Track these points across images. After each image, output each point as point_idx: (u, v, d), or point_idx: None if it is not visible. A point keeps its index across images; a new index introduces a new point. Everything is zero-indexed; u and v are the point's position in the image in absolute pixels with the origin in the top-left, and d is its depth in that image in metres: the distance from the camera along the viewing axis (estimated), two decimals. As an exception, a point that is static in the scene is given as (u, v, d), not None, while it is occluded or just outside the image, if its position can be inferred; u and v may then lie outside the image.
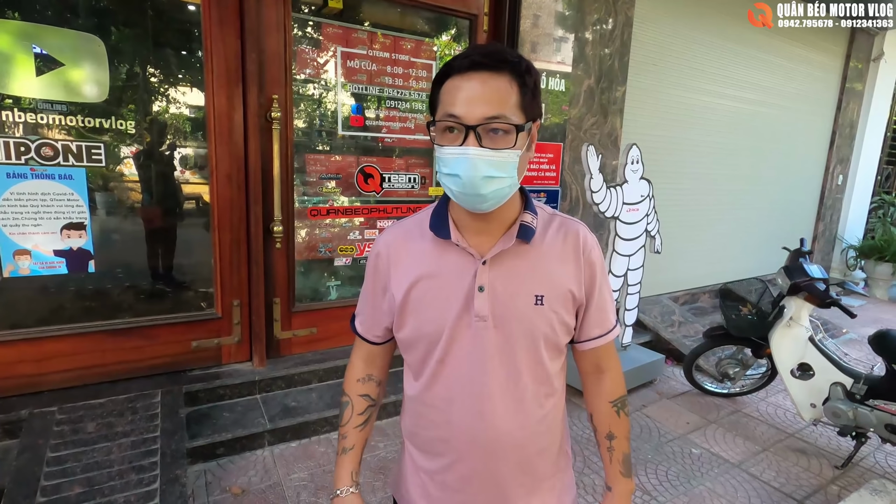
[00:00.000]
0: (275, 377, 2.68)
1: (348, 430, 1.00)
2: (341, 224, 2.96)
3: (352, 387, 1.02)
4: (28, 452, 1.97)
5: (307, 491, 2.15)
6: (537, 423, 0.90)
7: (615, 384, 0.98)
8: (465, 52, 0.78)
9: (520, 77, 0.76)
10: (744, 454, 2.62)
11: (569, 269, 0.88)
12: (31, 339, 2.23)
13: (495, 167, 0.76)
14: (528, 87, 0.77)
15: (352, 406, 1.01)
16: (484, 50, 0.76)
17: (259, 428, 2.38)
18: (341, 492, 0.98)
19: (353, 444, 1.00)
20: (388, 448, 2.49)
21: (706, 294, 5.06)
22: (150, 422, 2.20)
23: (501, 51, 0.76)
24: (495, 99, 0.75)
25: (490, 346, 0.84)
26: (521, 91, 0.76)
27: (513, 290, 0.84)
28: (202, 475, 2.21)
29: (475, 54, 0.75)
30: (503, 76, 0.75)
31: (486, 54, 0.75)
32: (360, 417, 1.01)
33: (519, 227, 0.86)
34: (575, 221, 0.93)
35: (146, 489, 1.93)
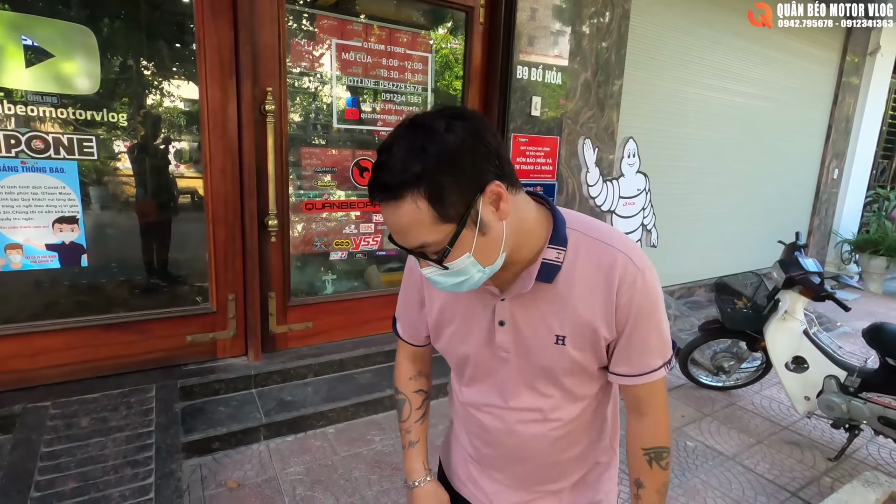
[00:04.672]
0: (270, 371, 2.67)
1: (410, 426, 1.03)
2: (337, 218, 2.95)
3: (405, 385, 1.05)
4: (21, 447, 1.96)
5: (303, 485, 2.15)
6: (562, 435, 0.90)
7: (652, 432, 0.87)
8: (370, 178, 0.69)
9: (424, 188, 0.65)
10: (738, 447, 2.63)
11: (596, 305, 0.78)
12: (24, 333, 2.22)
13: (454, 275, 0.73)
14: (440, 190, 0.65)
15: (409, 403, 1.03)
16: (377, 172, 0.67)
17: (254, 422, 2.38)
18: (418, 482, 1.01)
19: (418, 438, 1.03)
20: (385, 442, 2.49)
21: (702, 288, 5.07)
22: (144, 416, 2.19)
23: (392, 168, 0.65)
24: (408, 229, 0.68)
25: (514, 371, 0.87)
26: (433, 202, 0.65)
27: (534, 325, 0.82)
28: (197, 469, 2.20)
29: (372, 179, 0.68)
30: (404, 200, 0.65)
31: (377, 183, 0.67)
32: (418, 412, 1.03)
33: (540, 265, 0.78)
34: (615, 249, 0.78)
35: (141, 483, 1.92)
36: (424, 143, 0.65)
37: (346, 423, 2.62)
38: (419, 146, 0.65)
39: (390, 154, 0.66)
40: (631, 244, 0.81)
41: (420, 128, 0.66)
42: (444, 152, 0.65)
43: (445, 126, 0.66)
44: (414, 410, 1.02)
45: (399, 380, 1.05)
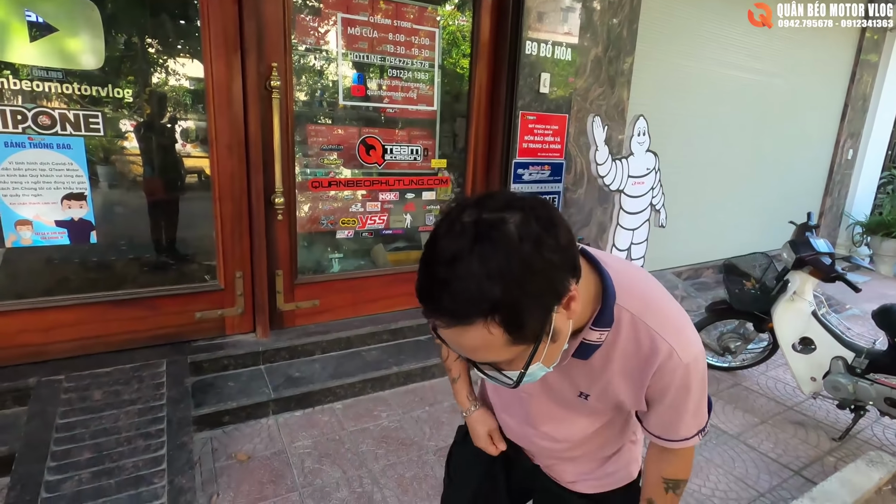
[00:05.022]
0: (278, 348, 2.70)
1: (450, 364, 1.09)
2: (343, 196, 2.94)
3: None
4: (37, 419, 2.00)
5: (311, 458, 2.20)
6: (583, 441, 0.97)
7: (676, 469, 0.89)
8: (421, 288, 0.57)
9: (500, 316, 0.55)
10: (742, 426, 2.64)
11: (627, 384, 0.78)
12: (36, 308, 2.25)
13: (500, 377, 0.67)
14: (518, 316, 0.56)
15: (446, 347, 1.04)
16: (436, 291, 0.56)
17: (263, 397, 2.42)
18: (466, 412, 1.09)
19: (459, 373, 1.10)
20: (391, 418, 2.53)
21: (710, 269, 5.04)
22: (156, 390, 2.23)
23: (461, 293, 0.54)
24: (475, 350, 0.60)
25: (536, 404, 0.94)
26: (509, 329, 0.56)
27: (561, 383, 0.85)
28: (208, 442, 2.25)
29: (427, 296, 0.57)
30: (474, 326, 0.56)
31: (439, 308, 0.56)
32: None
33: (579, 344, 0.75)
34: (661, 338, 0.72)
35: (154, 455, 1.97)
36: (502, 262, 0.53)
37: (353, 399, 2.66)
38: (496, 268, 0.53)
39: (454, 271, 0.54)
40: (681, 331, 0.74)
41: (492, 240, 0.54)
42: (525, 273, 0.54)
43: (520, 234, 0.54)
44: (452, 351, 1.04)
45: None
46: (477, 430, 1.06)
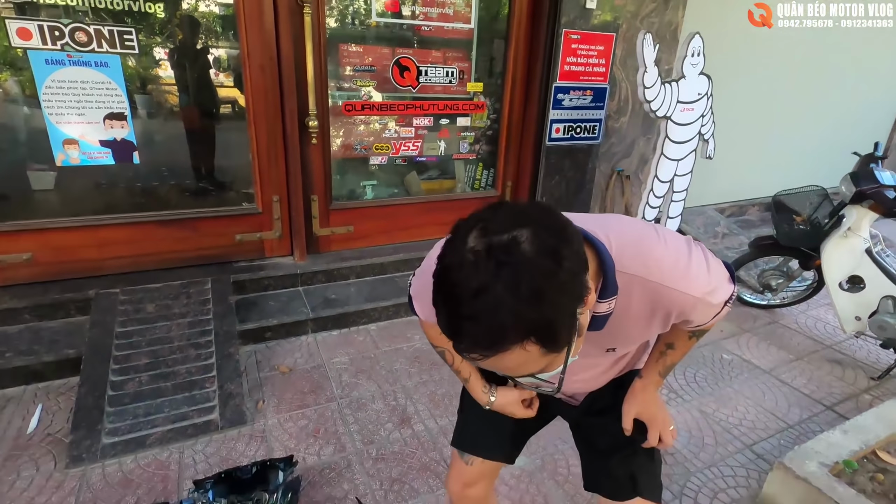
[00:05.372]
0: (315, 271, 2.79)
1: (459, 366, 1.05)
2: (377, 121, 2.88)
3: (440, 340, 1.02)
4: (99, 327, 2.17)
5: (348, 373, 2.32)
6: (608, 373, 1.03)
7: (704, 326, 0.92)
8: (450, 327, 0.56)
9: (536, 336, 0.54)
10: (776, 362, 2.62)
11: (650, 328, 0.82)
12: (90, 226, 2.36)
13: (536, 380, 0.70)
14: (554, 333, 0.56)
15: (450, 352, 1.03)
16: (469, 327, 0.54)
17: (302, 316, 2.53)
18: (489, 403, 1.03)
19: (469, 373, 1.05)
20: (423, 341, 2.62)
21: (755, 207, 4.81)
22: (203, 305, 2.36)
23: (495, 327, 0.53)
24: (514, 369, 0.60)
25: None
26: (545, 345, 0.56)
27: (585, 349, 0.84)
28: (252, 355, 2.40)
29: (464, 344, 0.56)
30: (512, 351, 0.55)
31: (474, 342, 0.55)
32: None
33: (591, 319, 0.73)
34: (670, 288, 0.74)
35: (204, 363, 2.11)
36: (527, 286, 0.52)
37: (386, 322, 2.75)
38: (524, 293, 0.52)
39: (482, 305, 0.52)
40: (686, 272, 0.76)
41: (511, 265, 0.52)
42: (551, 291, 0.53)
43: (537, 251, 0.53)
44: (456, 354, 1.02)
45: (433, 338, 1.05)
46: (508, 409, 1.03)
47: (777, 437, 2.08)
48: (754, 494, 1.78)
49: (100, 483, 1.66)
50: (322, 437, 1.92)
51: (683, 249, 0.78)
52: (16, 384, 2.05)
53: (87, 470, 1.70)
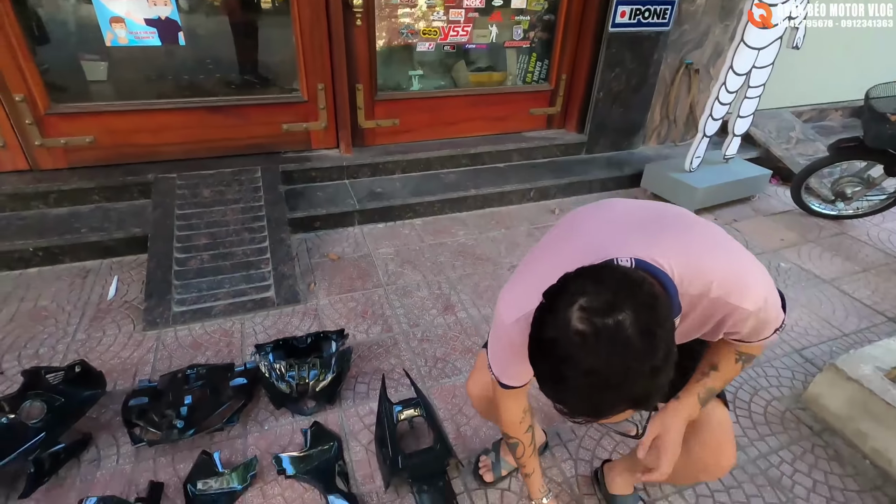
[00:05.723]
0: (361, 164, 2.77)
1: (525, 461, 1.10)
2: (424, 2, 2.67)
3: (515, 429, 1.06)
4: (160, 209, 2.27)
5: (394, 263, 2.38)
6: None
7: (752, 350, 0.92)
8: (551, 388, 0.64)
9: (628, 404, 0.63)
10: (839, 273, 2.48)
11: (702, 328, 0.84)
12: (144, 110, 2.40)
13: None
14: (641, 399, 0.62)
15: (521, 445, 1.08)
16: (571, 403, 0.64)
17: (349, 208, 2.56)
18: (538, 501, 1.13)
19: (533, 469, 1.11)
20: (468, 236, 2.62)
21: (838, 112, 4.33)
22: (254, 193, 2.42)
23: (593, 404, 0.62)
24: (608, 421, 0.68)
25: None
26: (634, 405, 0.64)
27: None
28: (303, 243, 2.48)
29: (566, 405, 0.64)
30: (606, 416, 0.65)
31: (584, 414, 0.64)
32: (530, 448, 1.09)
33: None
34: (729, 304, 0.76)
35: (258, 246, 2.21)
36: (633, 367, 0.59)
37: (431, 217, 2.76)
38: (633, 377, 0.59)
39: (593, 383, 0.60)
40: (743, 283, 0.76)
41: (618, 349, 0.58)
42: (653, 368, 0.60)
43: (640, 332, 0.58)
44: (527, 448, 1.08)
45: (509, 426, 1.06)
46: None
47: (829, 343, 2.02)
48: (797, 395, 1.77)
49: (173, 344, 1.83)
50: (370, 318, 2.02)
51: (743, 263, 0.79)
52: (93, 258, 2.23)
53: (161, 333, 1.87)
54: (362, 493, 1.37)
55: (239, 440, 1.50)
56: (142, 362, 1.74)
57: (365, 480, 1.41)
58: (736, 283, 0.75)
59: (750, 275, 0.78)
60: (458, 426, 1.58)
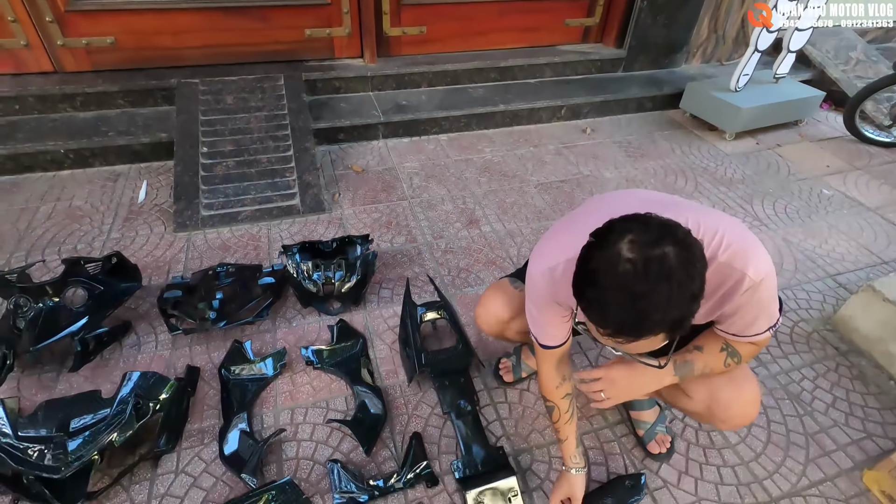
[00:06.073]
0: (386, 75, 2.67)
1: (560, 426, 1.12)
2: None
3: (553, 394, 1.09)
4: (185, 114, 2.25)
5: (419, 177, 2.34)
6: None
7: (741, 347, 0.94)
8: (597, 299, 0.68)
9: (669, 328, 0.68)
10: (885, 201, 2.35)
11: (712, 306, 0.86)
12: (163, 9, 2.31)
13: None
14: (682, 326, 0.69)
15: (558, 409, 1.10)
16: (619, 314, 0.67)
17: (374, 119, 2.49)
18: (566, 468, 1.15)
19: (567, 436, 1.12)
20: (495, 153, 2.55)
21: (909, 32, 3.93)
22: (277, 101, 2.37)
23: (638, 322, 0.66)
24: (634, 349, 0.74)
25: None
26: (669, 331, 0.69)
27: None
28: (327, 154, 2.45)
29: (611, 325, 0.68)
30: (643, 339, 0.69)
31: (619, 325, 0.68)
32: (566, 415, 1.10)
33: None
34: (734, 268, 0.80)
35: (283, 154, 2.19)
36: (676, 294, 0.64)
37: (457, 133, 2.68)
38: (674, 299, 0.64)
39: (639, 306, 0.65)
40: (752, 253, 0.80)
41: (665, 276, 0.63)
42: (691, 297, 0.66)
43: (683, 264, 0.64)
44: (563, 414, 1.10)
45: (546, 390, 1.10)
46: (562, 488, 1.14)
47: (866, 270, 1.96)
48: (826, 317, 1.73)
49: (203, 245, 1.87)
50: (394, 228, 2.02)
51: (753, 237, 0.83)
52: (121, 162, 2.25)
53: (191, 235, 1.91)
54: (386, 387, 1.43)
55: (268, 334, 1.56)
56: (174, 261, 1.80)
57: (388, 376, 1.46)
58: (743, 251, 0.80)
59: (758, 248, 0.82)
60: (479, 332, 1.61)
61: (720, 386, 1.01)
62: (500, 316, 1.18)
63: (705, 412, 1.05)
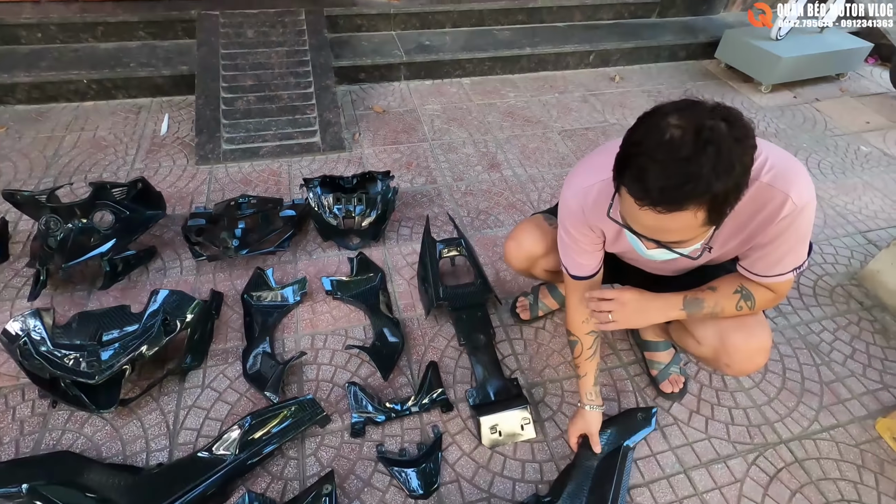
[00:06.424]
0: (409, 14, 2.58)
1: (580, 362, 1.11)
2: None
3: (578, 328, 1.09)
4: (206, 47, 2.21)
5: (440, 119, 2.30)
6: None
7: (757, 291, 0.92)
8: (641, 168, 0.64)
9: (709, 202, 0.64)
10: (926, 160, 2.25)
11: (746, 233, 0.84)
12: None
13: (672, 254, 0.77)
14: (724, 205, 0.65)
15: (581, 344, 1.10)
16: (663, 176, 0.62)
17: (396, 59, 2.43)
18: (581, 405, 1.14)
19: (586, 372, 1.12)
20: (518, 98, 2.48)
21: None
22: (298, 36, 2.31)
23: (683, 181, 0.61)
24: (670, 231, 0.69)
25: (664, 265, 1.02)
26: (711, 214, 0.66)
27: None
28: (347, 94, 2.41)
29: (650, 182, 0.63)
30: (685, 211, 0.64)
31: (662, 189, 0.63)
32: (589, 351, 1.10)
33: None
34: (778, 190, 0.77)
35: (304, 91, 2.16)
36: (724, 163, 0.61)
37: (480, 77, 2.60)
38: (721, 168, 0.61)
39: (687, 169, 0.61)
40: (797, 177, 0.78)
41: (714, 144, 0.60)
42: (738, 171, 0.62)
43: (734, 137, 0.61)
44: (585, 350, 1.10)
45: (572, 324, 1.10)
46: (578, 423, 1.14)
47: (899, 228, 1.90)
48: (853, 272, 1.70)
49: (224, 178, 1.88)
50: (414, 169, 2.00)
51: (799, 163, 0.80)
52: (144, 95, 2.24)
53: (213, 168, 1.92)
54: (404, 320, 1.45)
55: (289, 265, 1.59)
56: (197, 192, 1.81)
57: (406, 309, 1.48)
58: (786, 173, 0.78)
59: (802, 173, 0.79)
60: (497, 272, 1.61)
61: (731, 330, 0.99)
62: (532, 251, 1.17)
63: (712, 356, 1.05)
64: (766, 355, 1.01)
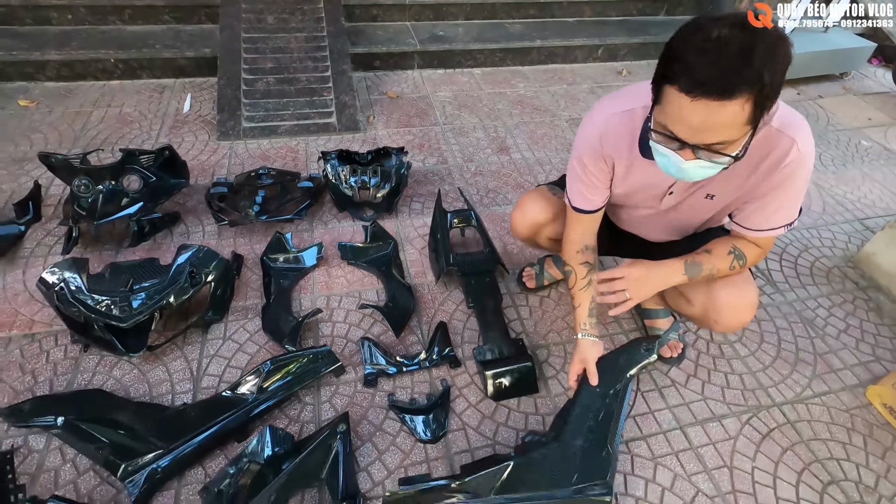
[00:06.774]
0: (423, 5, 2.67)
1: (575, 293, 1.13)
2: None
3: (572, 258, 1.13)
4: (228, 31, 2.30)
5: (451, 106, 2.37)
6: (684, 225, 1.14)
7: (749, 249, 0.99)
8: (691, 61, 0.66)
9: (758, 93, 0.66)
10: (926, 155, 2.31)
11: (753, 179, 0.89)
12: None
13: (706, 168, 0.77)
14: (769, 98, 0.68)
15: (575, 274, 1.12)
16: (716, 65, 0.64)
17: (410, 48, 2.51)
18: (577, 336, 1.14)
19: (580, 303, 1.12)
20: (528, 89, 2.55)
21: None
22: (317, 23, 2.40)
23: (737, 67, 0.64)
24: (717, 128, 0.69)
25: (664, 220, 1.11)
26: (757, 107, 0.68)
27: (694, 190, 0.97)
28: (363, 80, 2.49)
29: (702, 71, 0.65)
30: (734, 101, 0.66)
31: (716, 76, 0.65)
32: (583, 281, 1.12)
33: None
34: (786, 135, 0.82)
35: (321, 75, 2.24)
36: (775, 54, 0.64)
37: (491, 68, 2.68)
38: (772, 58, 0.64)
39: (744, 56, 0.63)
40: (803, 127, 0.83)
41: (763, 37, 0.63)
42: (784, 65, 0.66)
43: (780, 35, 0.65)
44: (579, 280, 1.12)
45: (567, 254, 1.14)
46: (575, 357, 1.14)
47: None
48: (849, 256, 1.75)
49: (244, 153, 1.96)
50: (426, 150, 2.07)
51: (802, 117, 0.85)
52: (167, 76, 2.33)
53: (233, 144, 2.00)
54: (415, 285, 1.52)
55: (306, 233, 1.66)
56: (218, 165, 1.89)
57: (417, 275, 1.55)
58: (793, 122, 0.84)
59: (807, 127, 0.85)
60: (504, 244, 1.68)
61: (720, 288, 1.05)
62: (537, 218, 1.22)
63: (702, 313, 1.10)
64: (753, 311, 1.07)
